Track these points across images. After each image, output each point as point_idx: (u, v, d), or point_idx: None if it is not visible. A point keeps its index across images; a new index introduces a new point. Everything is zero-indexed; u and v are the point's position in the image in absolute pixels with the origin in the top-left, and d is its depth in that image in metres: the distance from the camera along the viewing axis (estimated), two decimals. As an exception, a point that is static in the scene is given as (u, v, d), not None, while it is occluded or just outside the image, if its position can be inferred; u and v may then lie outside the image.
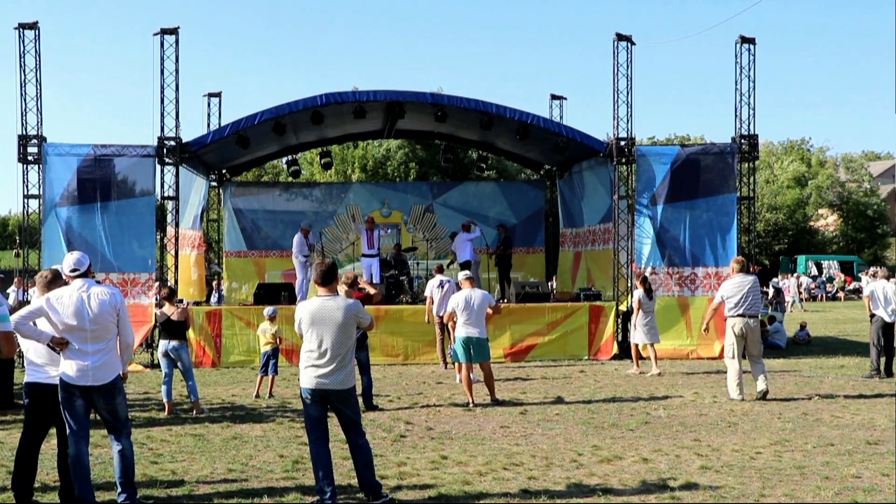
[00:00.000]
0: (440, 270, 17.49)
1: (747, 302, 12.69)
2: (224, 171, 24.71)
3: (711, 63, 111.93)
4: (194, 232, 21.86)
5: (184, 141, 18.54)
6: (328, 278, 7.50)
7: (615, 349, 18.50)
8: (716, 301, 13.23)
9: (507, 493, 7.60)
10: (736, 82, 19.49)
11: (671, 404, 12.49)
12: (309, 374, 7.37)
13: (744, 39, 19.48)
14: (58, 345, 6.94)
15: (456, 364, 14.15)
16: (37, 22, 18.19)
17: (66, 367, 6.96)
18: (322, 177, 37.46)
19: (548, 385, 14.71)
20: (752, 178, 20.08)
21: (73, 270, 7.15)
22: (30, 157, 18.10)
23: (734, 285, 12.83)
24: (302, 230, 20.41)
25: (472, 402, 12.46)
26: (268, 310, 14.32)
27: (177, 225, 18.96)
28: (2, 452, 9.28)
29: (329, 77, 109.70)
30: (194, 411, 11.99)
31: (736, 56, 19.51)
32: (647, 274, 17.92)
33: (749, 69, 19.46)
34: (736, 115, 19.48)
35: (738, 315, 12.69)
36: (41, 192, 18.09)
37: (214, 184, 24.66)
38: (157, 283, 18.18)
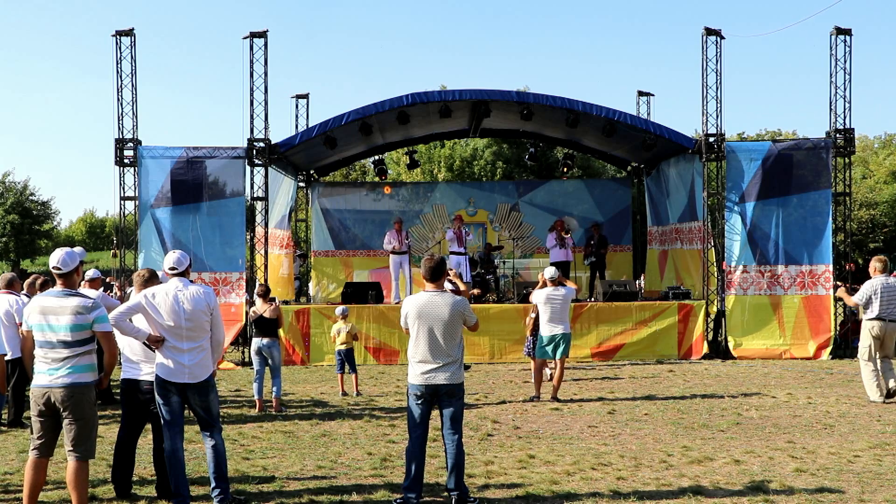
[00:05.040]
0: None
1: (887, 304, 12.31)
2: (312, 171, 25.08)
3: (804, 55, 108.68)
4: (282, 232, 22.22)
5: (272, 142, 18.86)
6: (437, 274, 7.44)
7: (705, 349, 18.21)
8: (857, 300, 12.55)
9: (596, 494, 7.52)
10: (831, 75, 18.93)
11: (763, 405, 12.22)
12: (417, 370, 7.30)
13: (839, 31, 18.90)
14: (154, 342, 7.09)
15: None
16: (132, 29, 18.76)
17: (163, 364, 7.09)
18: (408, 176, 37.68)
19: (636, 385, 14.55)
20: (847, 174, 19.49)
21: (172, 269, 7.27)
22: (126, 160, 18.65)
23: (874, 286, 12.37)
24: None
25: (539, 396, 13.00)
26: (339, 309, 14.44)
27: (266, 225, 19.30)
28: (102, 447, 9.56)
29: (415, 77, 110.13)
30: (273, 407, 12.16)
31: (831, 48, 18.95)
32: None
33: (845, 61, 18.89)
34: (831, 109, 18.93)
35: (877, 318, 12.32)
36: (137, 194, 18.62)
37: (302, 184, 25.05)
38: (247, 282, 18.52)
